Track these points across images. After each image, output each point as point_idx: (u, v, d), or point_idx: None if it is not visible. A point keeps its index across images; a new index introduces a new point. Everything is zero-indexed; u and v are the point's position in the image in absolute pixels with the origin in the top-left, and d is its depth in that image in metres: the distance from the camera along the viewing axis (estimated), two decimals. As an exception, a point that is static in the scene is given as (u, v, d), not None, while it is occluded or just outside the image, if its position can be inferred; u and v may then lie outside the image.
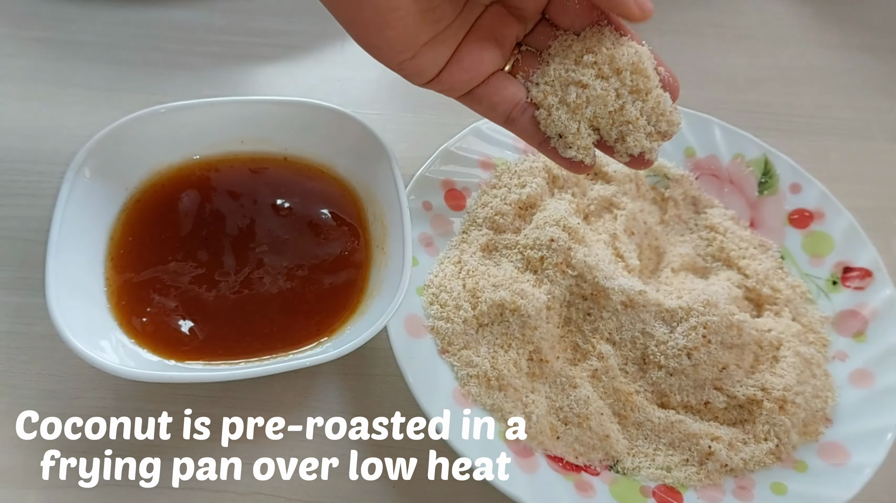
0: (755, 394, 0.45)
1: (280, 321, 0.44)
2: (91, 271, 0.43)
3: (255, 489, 0.43)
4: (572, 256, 0.46)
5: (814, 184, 0.54)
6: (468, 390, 0.43)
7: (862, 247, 0.51)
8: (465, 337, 0.45)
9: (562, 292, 0.46)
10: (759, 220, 0.55)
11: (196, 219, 0.47)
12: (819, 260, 0.52)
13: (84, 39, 0.63)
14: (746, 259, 0.52)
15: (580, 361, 0.46)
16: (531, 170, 0.52)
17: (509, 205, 0.50)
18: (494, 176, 0.53)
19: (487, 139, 0.54)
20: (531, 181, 0.51)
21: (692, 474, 0.43)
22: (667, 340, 0.45)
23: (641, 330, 0.45)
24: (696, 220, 0.55)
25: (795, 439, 0.44)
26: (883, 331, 0.48)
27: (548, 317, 0.45)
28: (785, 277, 0.52)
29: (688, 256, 0.52)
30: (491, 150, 0.54)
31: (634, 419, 0.44)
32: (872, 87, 0.69)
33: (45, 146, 0.55)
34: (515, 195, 0.51)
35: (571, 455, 0.43)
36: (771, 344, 0.47)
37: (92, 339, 0.39)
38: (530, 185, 0.51)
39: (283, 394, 0.46)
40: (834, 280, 0.52)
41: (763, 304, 0.50)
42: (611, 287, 0.45)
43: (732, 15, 0.74)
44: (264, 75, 0.63)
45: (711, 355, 0.44)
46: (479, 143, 0.54)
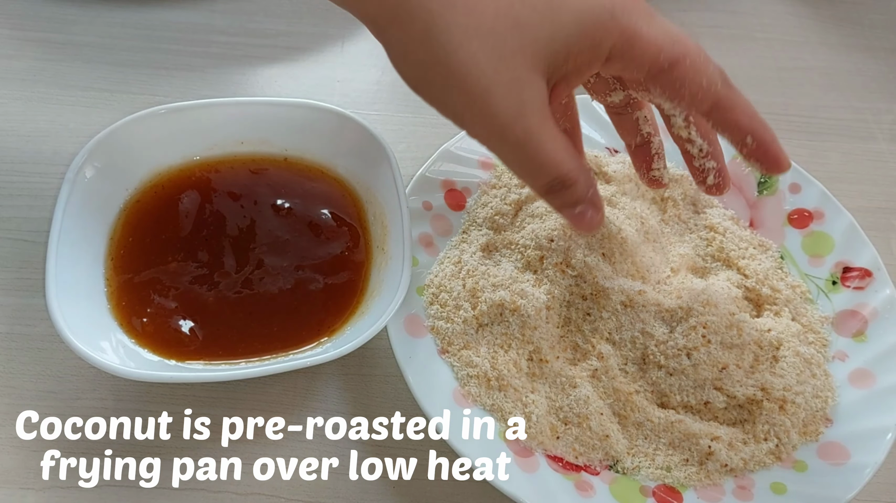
0: (755, 394, 0.44)
1: (280, 321, 0.44)
2: (91, 272, 0.43)
3: (254, 489, 0.43)
4: (572, 256, 0.46)
5: (813, 184, 0.54)
6: (468, 390, 0.43)
7: (862, 246, 0.51)
8: (465, 337, 0.45)
9: (561, 292, 0.46)
10: (758, 221, 0.55)
11: (196, 219, 0.47)
12: (819, 260, 0.52)
13: (84, 40, 0.63)
14: (746, 259, 0.52)
15: (580, 361, 0.46)
16: None
17: (509, 205, 0.50)
18: (494, 176, 0.53)
19: None
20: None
21: (692, 474, 0.43)
22: (666, 340, 0.45)
23: (641, 330, 0.45)
24: (695, 220, 0.55)
25: (795, 439, 0.44)
26: (883, 331, 0.48)
27: (547, 318, 0.45)
28: (784, 277, 0.52)
29: (687, 256, 0.52)
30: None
31: (634, 419, 0.44)
32: (872, 88, 0.69)
33: (45, 147, 0.56)
34: (515, 195, 0.51)
35: (571, 455, 0.43)
36: (771, 344, 0.47)
37: (92, 340, 0.39)
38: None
39: (283, 394, 0.46)
40: (834, 280, 0.51)
41: (763, 304, 0.50)
42: (610, 287, 0.45)
43: (731, 15, 0.74)
44: (264, 76, 0.63)
45: (711, 355, 0.44)
46: (479, 144, 0.54)
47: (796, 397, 0.44)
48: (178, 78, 0.62)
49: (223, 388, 0.46)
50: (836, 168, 0.56)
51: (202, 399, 0.45)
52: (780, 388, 0.44)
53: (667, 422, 0.44)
